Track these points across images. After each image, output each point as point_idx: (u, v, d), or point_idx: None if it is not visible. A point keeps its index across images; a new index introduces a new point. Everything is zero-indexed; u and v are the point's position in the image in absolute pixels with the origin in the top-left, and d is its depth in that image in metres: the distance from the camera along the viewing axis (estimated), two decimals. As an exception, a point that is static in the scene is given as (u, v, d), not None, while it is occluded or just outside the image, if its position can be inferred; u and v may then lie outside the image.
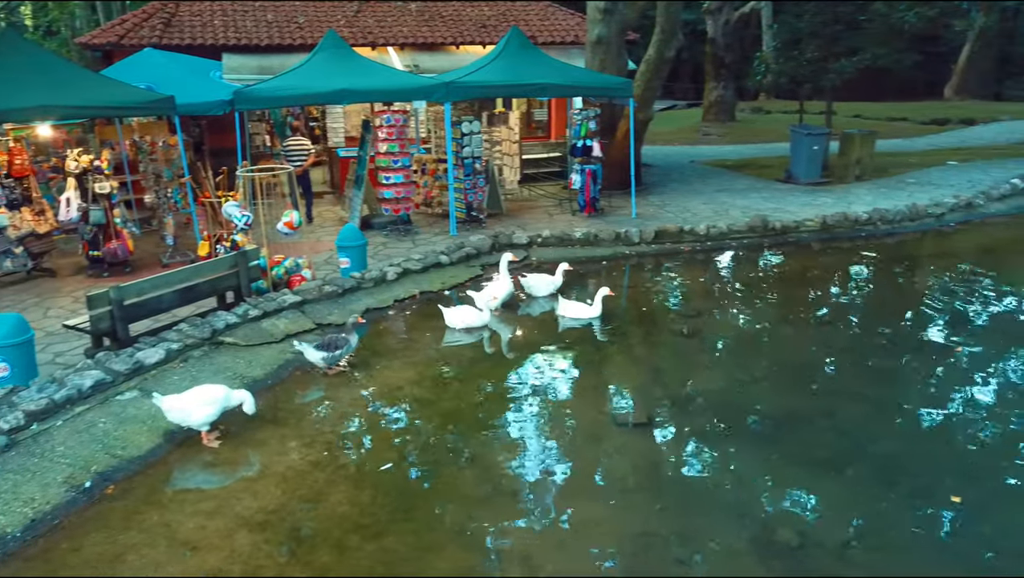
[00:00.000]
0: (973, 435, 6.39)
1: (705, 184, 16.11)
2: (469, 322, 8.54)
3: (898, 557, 4.87)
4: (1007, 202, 14.40)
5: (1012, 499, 5.49)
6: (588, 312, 8.78)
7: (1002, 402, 6.96)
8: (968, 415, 6.72)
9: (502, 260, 9.39)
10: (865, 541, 5.01)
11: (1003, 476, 5.76)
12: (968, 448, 6.22)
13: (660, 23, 14.81)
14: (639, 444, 6.27)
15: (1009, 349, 8.17)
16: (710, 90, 27.92)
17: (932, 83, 39.27)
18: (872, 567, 4.75)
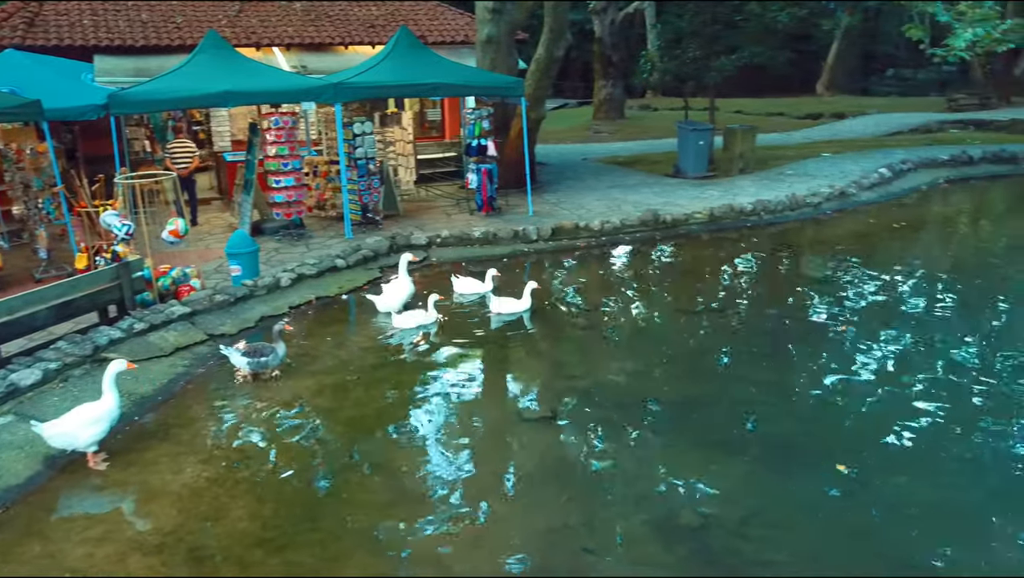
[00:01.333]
0: (855, 409, 6.78)
1: (598, 181, 16.43)
2: (419, 321, 8.60)
3: (792, 529, 5.11)
4: (876, 190, 15.36)
5: (890, 465, 5.85)
6: (519, 306, 8.94)
7: (879, 377, 7.41)
8: (849, 391, 7.12)
9: (401, 261, 9.30)
10: (762, 517, 5.23)
11: (882, 445, 6.14)
12: (851, 422, 6.60)
13: (548, 23, 15.00)
14: (545, 438, 6.33)
15: (882, 327, 8.71)
16: (599, 88, 28.53)
17: (805, 80, 41.45)
18: (769, 541, 4.97)
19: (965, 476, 5.74)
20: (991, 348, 8.17)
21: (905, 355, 8.01)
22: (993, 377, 7.37)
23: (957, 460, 5.96)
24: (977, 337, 8.45)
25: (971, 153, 18.28)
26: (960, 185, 17.05)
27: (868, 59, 45.07)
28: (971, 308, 9.44)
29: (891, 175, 16.11)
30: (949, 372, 7.49)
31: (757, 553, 4.87)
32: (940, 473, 5.78)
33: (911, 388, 7.16)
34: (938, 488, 5.56)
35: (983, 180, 17.51)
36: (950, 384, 7.22)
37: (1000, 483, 5.63)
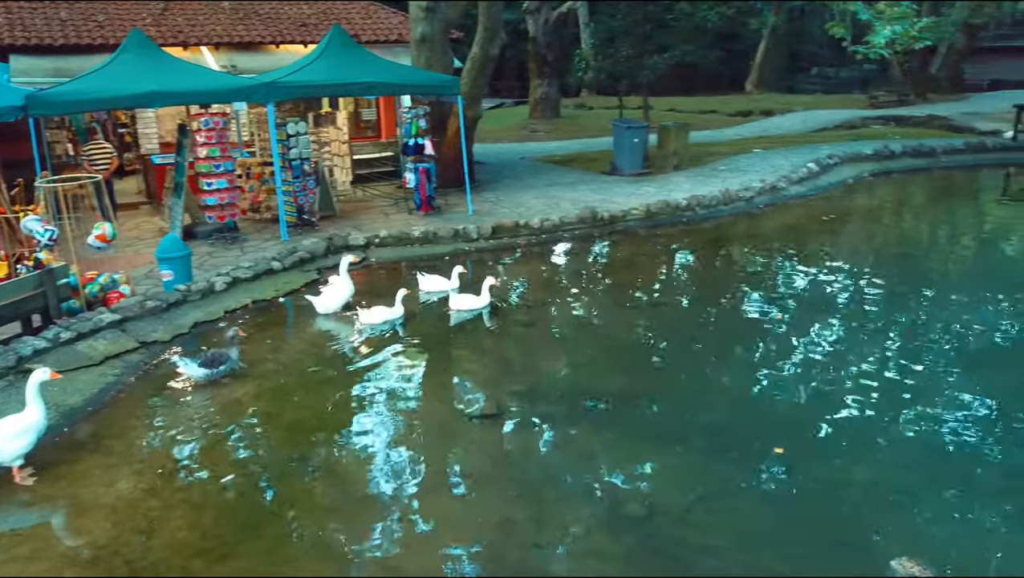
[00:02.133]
0: (790, 396, 6.98)
1: (536, 179, 16.51)
2: (386, 317, 8.64)
3: (733, 514, 5.23)
4: (805, 184, 15.83)
5: (826, 449, 6.04)
6: (478, 302, 9.00)
7: (812, 364, 7.64)
8: (785, 379, 7.32)
9: (342, 262, 9.18)
10: (704, 504, 5.34)
11: (817, 430, 6.33)
12: (787, 408, 6.78)
13: (483, 22, 15.00)
14: (490, 435, 6.33)
15: (814, 316, 8.98)
16: (535, 88, 28.66)
17: (735, 78, 42.46)
18: (711, 527, 5.08)
19: (896, 457, 5.95)
20: (916, 334, 8.51)
21: (836, 342, 8.27)
22: (919, 362, 7.67)
23: (888, 442, 6.17)
24: (903, 324, 8.79)
25: (892, 148, 19.00)
26: (883, 178, 17.70)
27: (794, 58, 46.46)
28: (896, 296, 9.80)
29: (819, 169, 16.62)
30: (878, 358, 7.77)
31: (700, 539, 4.97)
32: (873, 454, 5.98)
33: (843, 374, 7.40)
34: (872, 468, 5.76)
35: (904, 173, 18.21)
36: (879, 369, 7.49)
37: (929, 462, 5.86)
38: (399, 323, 8.71)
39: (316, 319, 8.90)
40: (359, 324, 8.67)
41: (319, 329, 8.69)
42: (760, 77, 41.12)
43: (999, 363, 7.71)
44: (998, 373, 7.42)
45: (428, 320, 8.97)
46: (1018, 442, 6.15)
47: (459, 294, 9.18)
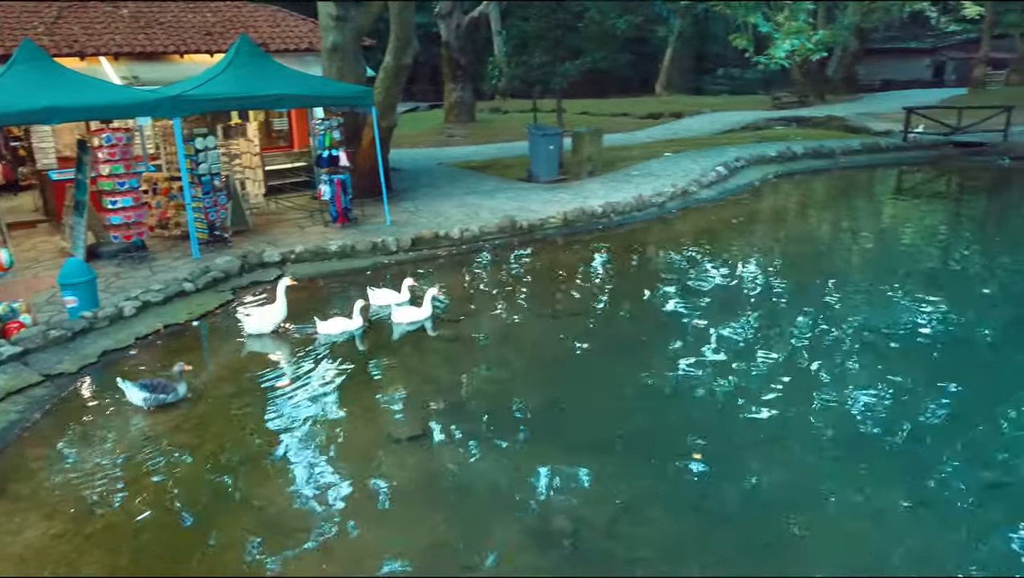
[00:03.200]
0: (708, 398, 7.22)
1: (454, 187, 16.51)
2: (344, 328, 8.74)
3: (658, 523, 5.37)
4: (714, 188, 16.36)
5: (744, 450, 6.27)
6: (420, 314, 9.12)
7: (728, 364, 7.91)
8: (703, 381, 7.56)
9: (280, 285, 9.02)
10: (629, 514, 5.47)
11: (735, 431, 6.57)
12: (706, 411, 7.02)
13: (395, 31, 14.90)
14: (417, 456, 6.31)
15: (727, 316, 9.31)
16: (449, 92, 28.67)
17: (645, 80, 43.50)
18: (637, 538, 5.21)
19: (808, 453, 6.24)
20: (823, 328, 8.92)
21: (750, 341, 8.59)
22: (825, 356, 8.07)
23: (800, 438, 6.47)
24: (811, 320, 9.21)
25: (795, 149, 19.84)
26: (787, 179, 18.47)
27: (700, 60, 47.86)
28: (803, 293, 10.26)
29: (727, 172, 17.20)
30: (788, 354, 8.13)
31: (627, 551, 5.09)
32: (786, 452, 6.26)
33: (757, 371, 7.72)
34: (786, 467, 6.02)
35: (806, 174, 19.05)
36: (789, 365, 7.85)
37: (839, 457, 6.16)
38: (358, 334, 8.76)
39: (234, 343, 8.68)
40: (318, 335, 8.69)
41: (237, 353, 8.48)
42: (669, 79, 42.23)
43: (898, 353, 8.18)
44: (897, 362, 7.89)
45: (365, 337, 8.86)
46: (919, 431, 6.52)
47: (402, 307, 9.24)
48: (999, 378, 7.61)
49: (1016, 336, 9.06)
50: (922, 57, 49.28)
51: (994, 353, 8.40)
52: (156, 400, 6.99)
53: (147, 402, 6.96)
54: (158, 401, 7.00)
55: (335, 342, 8.63)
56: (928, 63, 48.91)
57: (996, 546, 5.05)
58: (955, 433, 6.54)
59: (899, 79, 45.66)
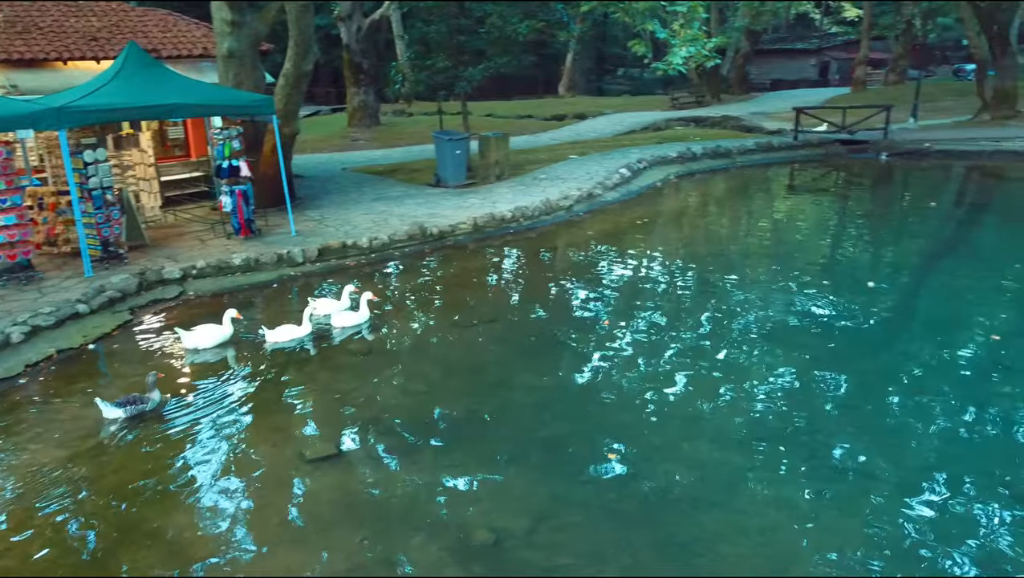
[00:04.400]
0: (619, 399, 7.39)
1: (361, 193, 16.30)
2: (293, 335, 8.86)
3: (576, 529, 5.47)
4: (619, 190, 16.73)
5: (656, 449, 6.45)
6: (358, 318, 9.32)
7: (637, 364, 8.13)
8: (614, 382, 7.74)
9: (226, 315, 8.80)
10: (548, 522, 5.54)
11: (646, 430, 6.75)
12: (618, 412, 7.18)
13: (294, 36, 14.57)
14: (331, 475, 6.21)
15: (637, 315, 9.57)
16: (352, 95, 28.25)
17: (548, 81, 44.03)
18: (557, 545, 5.28)
19: (719, 448, 6.47)
20: (726, 323, 9.27)
21: (659, 338, 8.84)
22: (730, 349, 8.39)
23: (709, 433, 6.71)
24: (715, 314, 9.55)
25: (694, 150, 20.51)
26: (688, 179, 19.07)
27: (601, 61, 48.84)
28: (707, 289, 10.63)
29: (630, 174, 17.61)
30: (696, 349, 8.43)
31: (547, 559, 5.16)
32: (697, 448, 6.48)
33: (666, 368, 7.96)
34: (696, 464, 6.22)
35: (706, 174, 19.73)
36: (698, 360, 8.14)
37: (748, 450, 6.42)
38: (308, 341, 8.83)
39: (135, 366, 8.31)
40: (266, 344, 8.76)
41: (140, 378, 8.10)
42: (571, 81, 42.89)
43: (796, 343, 8.61)
44: (795, 353, 8.32)
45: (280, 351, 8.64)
46: (817, 419, 6.87)
47: (342, 312, 9.37)
48: (887, 364, 8.09)
49: (900, 323, 9.67)
50: (808, 57, 51.85)
51: (882, 340, 8.92)
52: (133, 409, 7.08)
53: (126, 412, 7.05)
54: (136, 410, 7.09)
55: (283, 349, 8.68)
56: (814, 63, 51.50)
57: (891, 528, 5.38)
58: (850, 419, 6.92)
59: (787, 78, 47.91)
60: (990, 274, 11.35)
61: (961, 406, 7.13)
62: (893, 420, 6.93)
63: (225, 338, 8.80)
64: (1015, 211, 17.19)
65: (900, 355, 8.39)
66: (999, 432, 6.67)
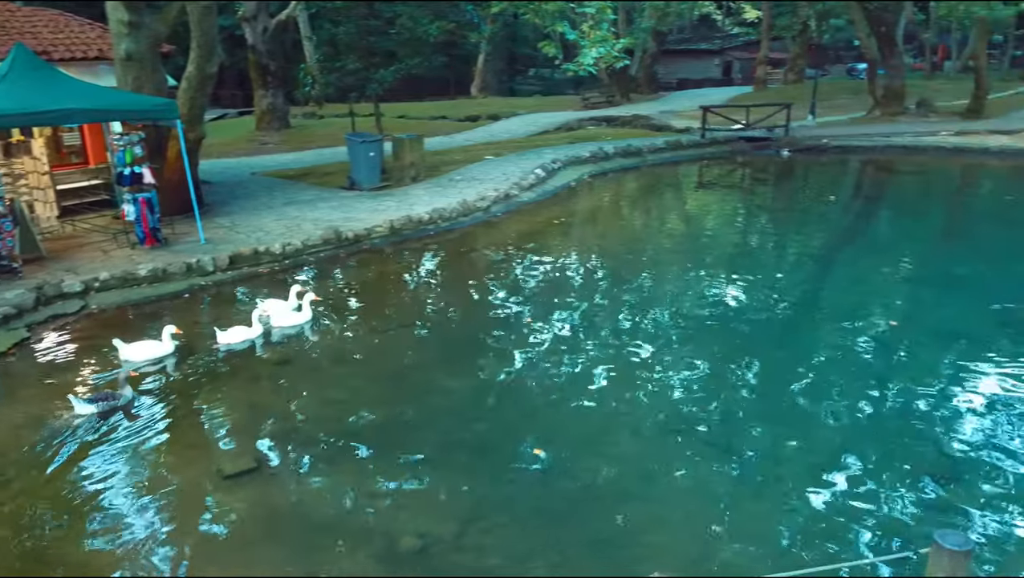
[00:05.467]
0: (541, 396, 7.47)
1: (272, 198, 15.89)
2: (244, 336, 8.85)
3: (504, 529, 5.50)
4: (535, 190, 16.86)
5: (579, 445, 6.54)
6: (300, 318, 9.35)
7: (559, 361, 8.22)
8: (536, 380, 7.80)
9: (165, 331, 8.49)
10: (475, 524, 5.55)
11: (569, 426, 6.83)
12: (540, 409, 7.25)
13: (196, 38, 14.07)
14: (250, 490, 6.04)
15: (556, 314, 9.67)
16: (260, 98, 27.49)
17: (460, 83, 43.97)
18: (485, 547, 5.30)
19: (637, 442, 6.62)
20: (642, 317, 9.48)
21: (577, 338, 8.96)
22: (646, 342, 8.58)
23: (629, 428, 6.86)
24: (631, 310, 9.76)
25: (606, 149, 20.86)
26: (601, 178, 19.39)
27: (512, 62, 49.13)
28: (623, 285, 10.84)
29: (545, 174, 17.78)
30: (613, 344, 8.60)
31: (476, 561, 5.17)
32: (617, 443, 6.62)
33: (585, 365, 8.09)
34: (617, 459, 6.35)
35: (618, 172, 20.11)
36: (616, 355, 8.30)
37: (665, 442, 6.59)
38: (259, 342, 8.87)
39: (36, 386, 7.89)
40: (219, 346, 8.69)
41: (43, 397, 7.67)
42: (484, 81, 42.96)
43: (708, 335, 8.90)
44: (708, 344, 8.61)
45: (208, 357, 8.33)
46: (732, 409, 7.10)
47: (283, 313, 9.34)
48: (795, 352, 8.44)
49: (806, 312, 10.11)
50: (712, 57, 53.52)
51: (789, 329, 9.30)
52: (105, 405, 7.19)
53: (99, 408, 7.15)
54: (108, 406, 7.19)
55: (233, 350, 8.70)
56: (717, 63, 53.18)
57: (805, 509, 5.61)
58: (761, 406, 7.19)
59: (693, 78, 49.31)
60: (886, 262, 11.98)
61: (864, 390, 7.50)
62: (802, 406, 7.23)
63: (164, 354, 8.47)
64: (906, 202, 18.22)
65: (806, 343, 8.77)
66: (900, 412, 7.05)
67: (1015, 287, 10.63)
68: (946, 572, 3.15)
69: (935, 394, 7.41)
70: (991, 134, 22.61)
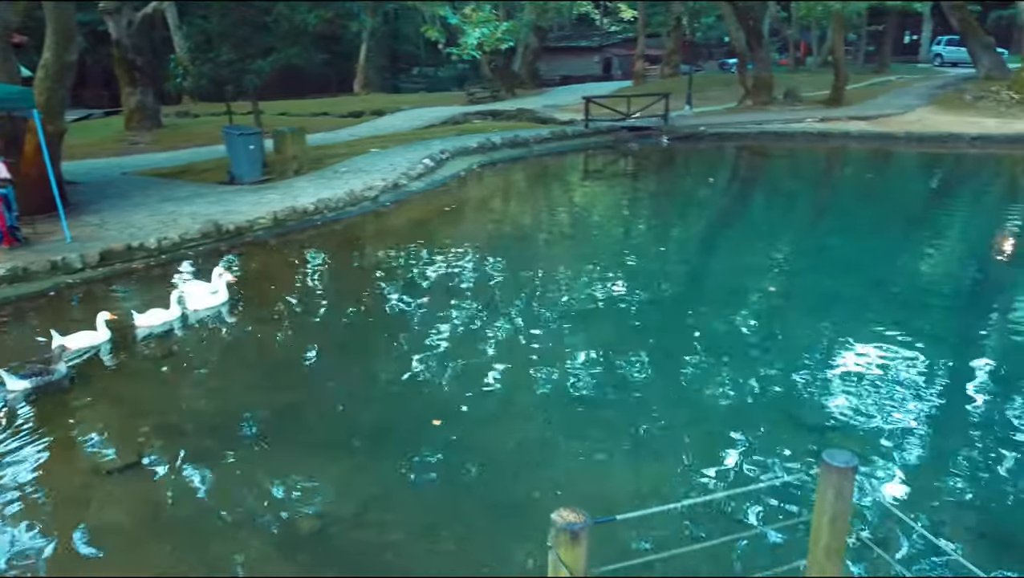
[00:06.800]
0: (437, 378, 7.35)
1: (146, 196, 15.03)
2: (163, 318, 8.70)
3: (406, 505, 5.37)
4: (424, 179, 16.70)
5: (475, 421, 6.49)
6: (216, 300, 9.20)
7: (451, 344, 8.13)
8: (430, 362, 7.67)
9: (99, 317, 8.09)
10: (376, 502, 5.39)
11: (465, 405, 6.75)
12: (435, 390, 7.13)
13: (52, 25, 13.15)
14: (134, 487, 5.66)
15: (448, 300, 9.57)
16: (128, 96, 26.02)
17: (343, 80, 43.19)
18: (387, 524, 5.15)
19: (537, 418, 6.60)
20: (534, 304, 9.50)
21: (471, 323, 8.89)
22: (538, 327, 8.60)
23: (526, 403, 6.84)
24: (522, 296, 9.76)
25: (494, 140, 20.95)
26: (490, 168, 19.44)
27: (395, 59, 48.67)
28: (515, 272, 10.85)
29: (434, 164, 17.65)
30: (506, 332, 8.54)
31: (379, 537, 5.02)
32: (516, 417, 6.59)
33: (479, 351, 7.99)
34: (517, 430, 6.32)
35: (506, 162, 20.21)
36: (509, 343, 8.25)
37: (562, 415, 6.61)
38: (176, 325, 8.68)
39: None
40: (137, 329, 8.51)
41: None
42: (366, 78, 42.39)
43: (600, 319, 8.97)
44: (600, 329, 8.64)
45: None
46: (627, 384, 7.21)
47: (199, 295, 9.19)
48: (683, 333, 8.61)
49: (691, 290, 10.43)
50: (592, 54, 54.74)
51: (676, 311, 9.52)
52: (39, 381, 7.02)
53: (32, 382, 6.98)
54: (41, 381, 7.03)
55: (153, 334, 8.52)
56: (597, 59, 54.44)
57: (700, 472, 5.75)
58: (654, 385, 7.28)
59: (575, 74, 50.28)
60: (763, 238, 12.55)
61: (748, 364, 7.68)
62: (693, 377, 7.38)
63: (101, 341, 8.16)
64: (779, 183, 19.20)
65: (693, 318, 8.97)
66: (781, 382, 7.27)
67: (880, 256, 11.36)
68: (835, 488, 3.27)
69: (814, 356, 7.78)
70: (851, 120, 24.14)
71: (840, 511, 3.31)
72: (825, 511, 3.32)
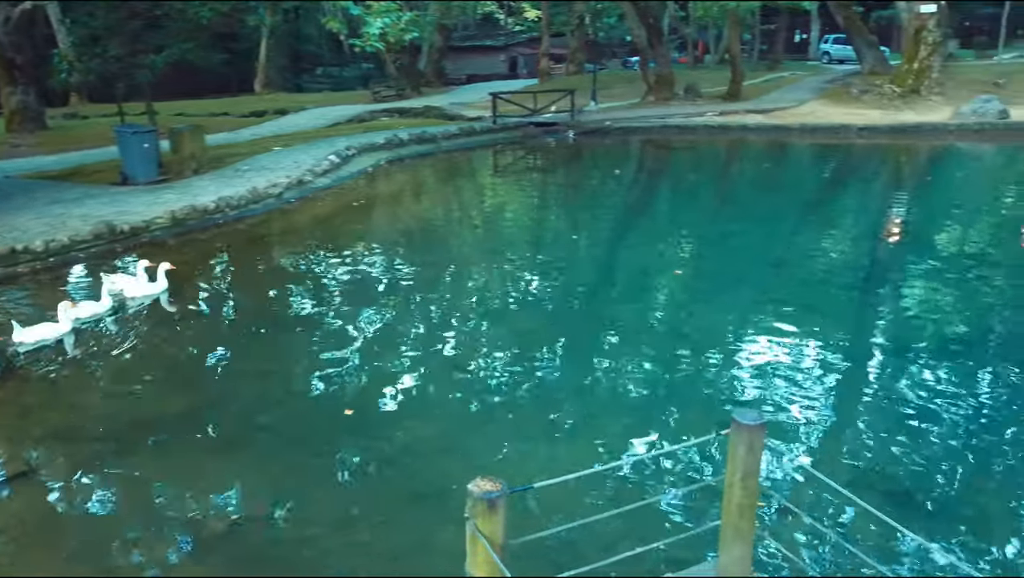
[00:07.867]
0: (351, 376, 7.18)
1: (31, 199, 14.13)
2: (93, 311, 8.48)
3: (322, 501, 5.20)
4: (329, 176, 16.34)
5: (390, 415, 6.37)
6: (155, 288, 9.20)
7: (363, 341, 7.95)
8: (342, 359, 7.48)
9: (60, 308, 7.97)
10: (292, 499, 5.19)
11: (380, 400, 6.61)
12: (349, 386, 6.96)
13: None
14: (21, 496, 5.29)
15: (357, 296, 9.36)
16: (8, 96, 24.41)
17: (243, 79, 41.88)
18: (303, 520, 4.98)
19: (449, 407, 6.54)
20: (447, 301, 9.43)
21: (385, 316, 8.73)
22: (453, 321, 8.52)
23: (441, 395, 6.76)
24: (435, 294, 9.66)
25: (401, 136, 20.72)
26: (398, 164, 19.22)
27: (297, 59, 47.63)
28: (425, 268, 10.73)
29: (340, 161, 17.30)
30: (419, 324, 8.44)
31: (295, 532, 4.86)
32: (430, 410, 6.50)
33: (395, 344, 7.85)
34: (432, 421, 6.24)
35: (414, 158, 20.03)
36: (426, 334, 8.14)
37: (479, 406, 6.56)
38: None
39: None
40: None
41: None
42: (267, 78, 41.33)
43: (516, 315, 8.95)
44: (517, 323, 8.60)
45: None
46: (543, 382, 7.14)
47: (132, 282, 9.14)
48: (593, 321, 8.69)
49: (602, 281, 10.56)
50: (498, 53, 54.97)
51: (586, 301, 9.61)
52: None
53: None
54: None
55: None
56: (503, 58, 54.72)
57: (615, 449, 5.82)
58: (569, 377, 7.18)
59: (481, 73, 50.37)
60: (669, 226, 12.85)
61: (659, 347, 7.80)
62: (607, 365, 7.41)
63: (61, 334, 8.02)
64: (683, 174, 19.75)
65: (605, 312, 9.02)
66: (692, 362, 7.41)
67: (779, 241, 11.81)
68: (746, 444, 3.34)
69: (723, 336, 7.98)
70: (748, 113, 25.06)
71: (751, 468, 3.38)
72: (737, 469, 3.39)
